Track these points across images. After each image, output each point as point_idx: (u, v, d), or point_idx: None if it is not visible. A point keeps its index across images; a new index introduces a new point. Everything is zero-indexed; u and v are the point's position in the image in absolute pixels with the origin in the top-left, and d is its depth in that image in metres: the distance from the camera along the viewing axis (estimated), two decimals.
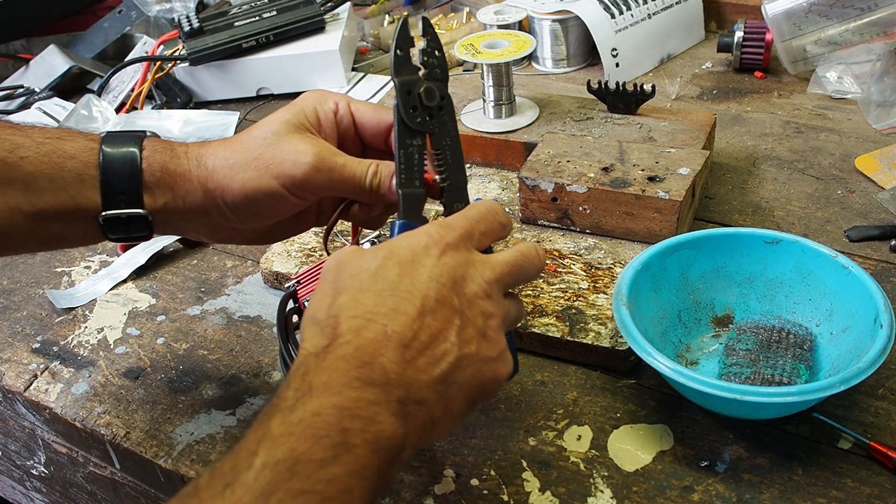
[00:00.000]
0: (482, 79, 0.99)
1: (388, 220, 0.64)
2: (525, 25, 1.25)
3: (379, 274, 0.52)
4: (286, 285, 0.79)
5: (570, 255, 0.83)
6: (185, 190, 0.63)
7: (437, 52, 0.62)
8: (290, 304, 0.71)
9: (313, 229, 0.90)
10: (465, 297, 0.53)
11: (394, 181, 0.61)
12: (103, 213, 0.62)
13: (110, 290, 0.89)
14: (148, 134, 0.65)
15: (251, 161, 0.62)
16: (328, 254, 0.71)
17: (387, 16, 1.40)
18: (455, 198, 0.62)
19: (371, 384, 0.48)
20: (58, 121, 1.15)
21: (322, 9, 1.23)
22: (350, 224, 0.70)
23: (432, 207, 0.87)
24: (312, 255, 0.86)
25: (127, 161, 0.62)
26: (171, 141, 0.65)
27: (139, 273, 0.91)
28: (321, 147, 0.62)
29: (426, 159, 0.61)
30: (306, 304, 0.73)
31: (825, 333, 0.70)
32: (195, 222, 0.65)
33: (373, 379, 0.48)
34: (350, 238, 0.71)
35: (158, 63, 1.21)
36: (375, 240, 0.75)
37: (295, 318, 0.70)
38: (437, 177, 0.62)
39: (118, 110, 1.18)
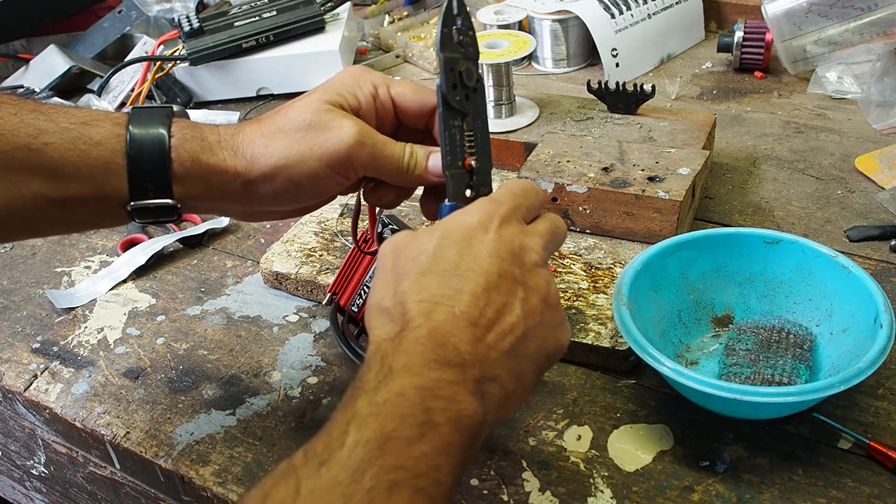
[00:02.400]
0: None
1: (438, 204, 0.63)
2: (525, 25, 1.25)
3: (438, 255, 0.53)
4: (324, 302, 0.80)
5: (570, 255, 0.83)
6: (222, 181, 0.61)
7: (470, 32, 0.62)
8: (340, 317, 0.75)
9: (313, 230, 0.90)
10: (525, 267, 0.54)
11: (429, 162, 0.62)
12: (132, 203, 0.61)
13: (110, 290, 0.89)
14: (175, 110, 0.64)
15: (293, 145, 0.61)
16: (356, 242, 0.72)
17: (387, 16, 1.40)
18: (482, 181, 0.63)
19: (448, 365, 0.49)
20: None
21: (322, 9, 1.23)
22: (358, 220, 0.71)
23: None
24: (312, 255, 0.86)
25: (155, 149, 0.60)
26: (200, 126, 0.63)
27: (139, 273, 0.91)
28: (362, 125, 0.62)
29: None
30: (353, 308, 0.74)
31: (825, 333, 0.70)
32: (228, 208, 0.65)
33: (449, 360, 0.49)
34: (367, 222, 0.72)
35: (158, 63, 1.21)
36: (389, 228, 0.74)
37: (350, 325, 0.74)
38: (471, 161, 0.62)
39: (118, 110, 1.18)
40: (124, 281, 0.90)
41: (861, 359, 0.61)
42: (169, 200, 0.61)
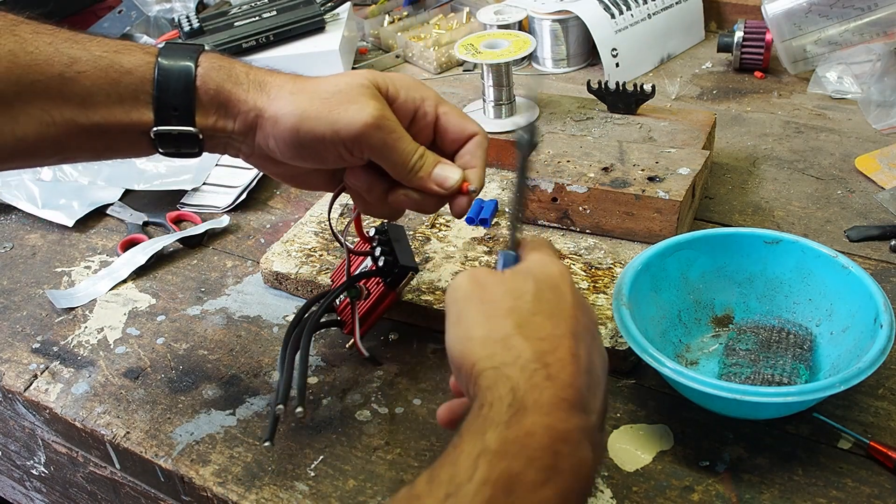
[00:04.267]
0: (482, 79, 0.99)
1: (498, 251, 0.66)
2: (525, 25, 1.25)
3: (541, 298, 0.52)
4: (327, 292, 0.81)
5: (570, 255, 0.83)
6: (238, 110, 0.63)
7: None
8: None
9: (313, 230, 0.90)
10: (590, 320, 0.54)
11: (435, 170, 0.65)
12: (155, 129, 0.62)
13: (110, 290, 0.89)
14: (207, 48, 0.65)
15: (316, 101, 0.62)
16: (333, 231, 0.72)
17: (387, 16, 1.41)
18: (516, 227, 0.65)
19: (575, 408, 0.48)
20: None
21: (322, 9, 1.23)
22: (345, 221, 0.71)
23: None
24: (312, 255, 0.86)
25: (182, 77, 0.61)
26: (231, 59, 0.65)
27: (139, 273, 0.91)
28: (386, 112, 0.63)
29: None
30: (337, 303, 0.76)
31: (825, 333, 0.70)
32: (240, 143, 0.65)
33: (574, 403, 0.48)
34: (354, 228, 0.73)
35: None
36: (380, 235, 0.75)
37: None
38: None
39: None
40: (124, 281, 0.90)
41: (861, 359, 0.61)
42: (191, 128, 0.62)
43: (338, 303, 0.76)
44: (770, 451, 0.65)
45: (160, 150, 0.63)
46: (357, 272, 0.76)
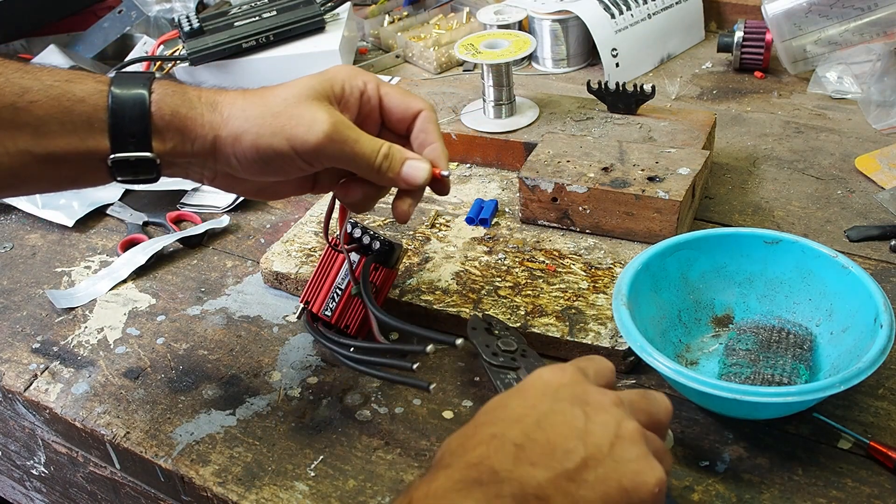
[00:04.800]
0: (482, 79, 0.99)
1: None
2: (525, 25, 1.25)
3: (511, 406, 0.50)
4: (296, 315, 0.82)
5: (570, 255, 0.83)
6: (196, 134, 0.63)
7: (505, 331, 0.73)
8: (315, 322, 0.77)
9: (313, 230, 0.90)
10: (589, 401, 0.50)
11: (403, 169, 0.65)
12: (112, 156, 0.62)
13: (110, 290, 0.89)
14: (157, 75, 0.65)
15: (268, 118, 0.62)
16: (327, 239, 0.74)
17: (387, 16, 1.40)
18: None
19: (478, 483, 0.45)
20: None
21: (322, 9, 1.23)
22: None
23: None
24: (312, 255, 0.86)
25: (137, 104, 0.61)
26: (182, 84, 0.65)
27: (139, 273, 0.91)
28: (338, 119, 0.63)
29: None
30: (327, 313, 0.75)
31: (825, 333, 0.70)
32: (200, 166, 0.65)
33: (480, 479, 0.45)
34: (338, 226, 0.73)
35: (158, 63, 1.21)
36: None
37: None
38: None
39: None
40: (124, 281, 0.90)
41: (861, 359, 0.61)
42: (148, 154, 0.62)
43: (329, 314, 0.75)
44: (770, 451, 0.65)
45: (117, 178, 0.63)
46: (351, 268, 0.75)
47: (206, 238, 0.95)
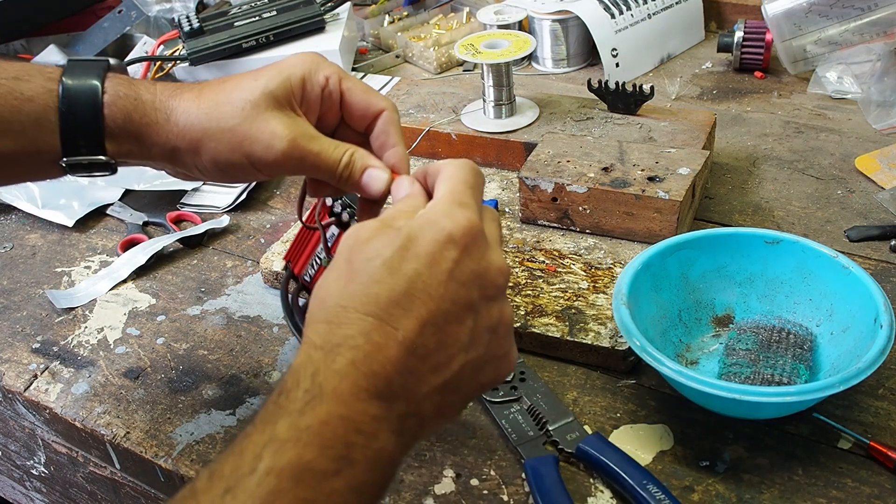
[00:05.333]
0: (482, 79, 0.99)
1: None
2: (525, 25, 1.25)
3: (395, 266, 0.48)
4: (282, 268, 0.80)
5: (570, 255, 0.83)
6: (152, 142, 0.60)
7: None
8: (294, 284, 0.74)
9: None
10: (486, 293, 0.50)
11: (363, 178, 0.61)
12: (65, 159, 0.60)
13: (110, 290, 0.89)
14: (112, 63, 0.62)
15: (225, 132, 0.59)
16: (302, 222, 0.71)
17: (387, 16, 1.40)
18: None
19: (378, 397, 0.46)
20: None
21: (322, 9, 1.23)
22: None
23: None
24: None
25: (88, 105, 0.59)
26: (136, 84, 0.61)
27: (139, 273, 0.91)
28: (297, 132, 0.59)
29: None
30: (306, 278, 0.73)
31: (825, 333, 0.70)
32: (160, 167, 0.64)
33: (379, 391, 0.46)
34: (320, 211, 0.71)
35: (158, 63, 1.21)
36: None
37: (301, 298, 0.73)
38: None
39: None
40: (124, 281, 0.90)
41: (861, 359, 0.61)
42: (101, 157, 0.60)
43: (308, 279, 0.74)
44: (770, 451, 0.65)
45: (72, 175, 0.61)
46: (325, 243, 0.74)
47: (206, 238, 0.95)
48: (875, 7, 1.07)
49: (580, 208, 0.85)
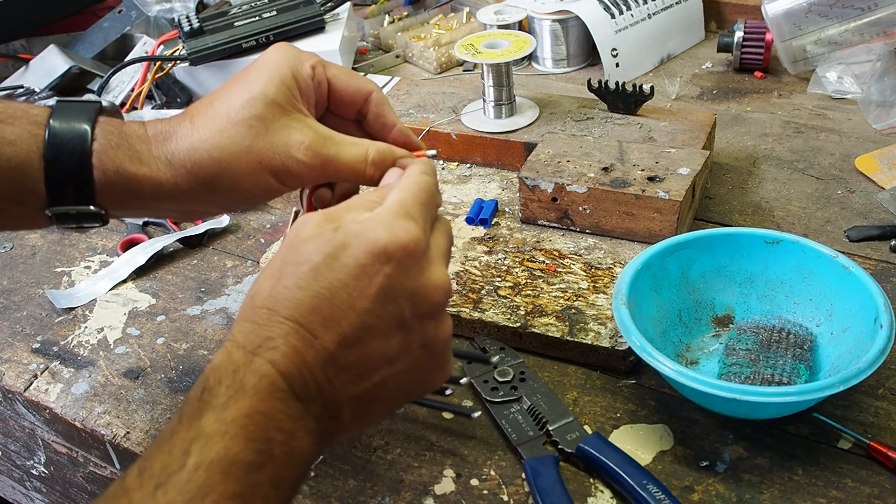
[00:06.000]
0: (482, 79, 0.99)
1: None
2: (525, 25, 1.25)
3: (323, 274, 0.48)
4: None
5: (570, 255, 0.83)
6: (153, 192, 0.57)
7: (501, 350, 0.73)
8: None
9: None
10: (419, 312, 0.50)
11: (384, 181, 0.58)
12: (51, 209, 0.56)
13: (110, 290, 0.89)
14: (104, 104, 0.58)
15: (241, 155, 0.56)
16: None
17: (387, 16, 1.41)
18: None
19: (295, 398, 0.47)
20: None
21: (322, 9, 1.23)
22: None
23: None
24: None
25: (75, 153, 0.55)
26: (127, 130, 0.57)
27: (139, 273, 0.91)
28: (312, 136, 0.57)
29: None
30: None
31: (825, 333, 0.70)
32: (158, 212, 0.61)
33: (296, 393, 0.47)
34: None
35: (158, 63, 1.21)
36: None
37: None
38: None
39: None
40: (124, 281, 0.90)
41: (861, 359, 0.61)
42: (90, 207, 0.56)
43: None
44: (770, 451, 0.65)
45: (58, 225, 0.58)
46: None
47: (206, 238, 0.95)
48: (875, 7, 1.07)
49: (580, 208, 0.85)
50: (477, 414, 0.66)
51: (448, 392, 0.65)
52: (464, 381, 0.65)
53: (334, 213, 0.51)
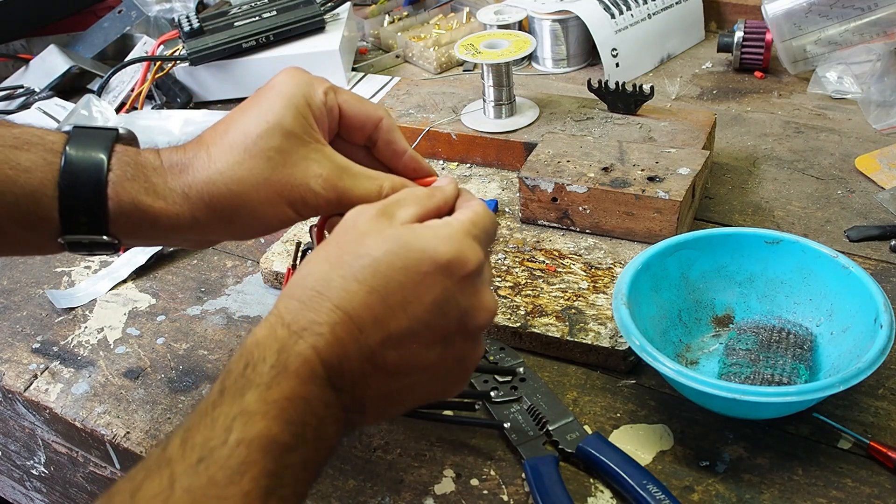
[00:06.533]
0: (482, 79, 0.99)
1: None
2: (525, 25, 1.25)
3: (383, 273, 0.48)
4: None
5: (570, 255, 0.83)
6: (168, 226, 0.56)
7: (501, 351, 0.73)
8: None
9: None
10: (465, 330, 0.51)
11: None
12: (64, 237, 0.56)
13: (110, 290, 0.89)
14: (121, 132, 0.57)
15: (260, 187, 0.55)
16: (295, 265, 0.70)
17: (387, 16, 1.41)
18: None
19: (332, 387, 0.48)
20: (58, 121, 1.15)
21: (322, 9, 1.23)
22: None
23: None
24: None
25: (90, 183, 0.54)
26: (143, 162, 0.56)
27: (139, 273, 0.91)
28: (329, 168, 0.57)
29: None
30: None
31: (825, 333, 0.70)
32: (173, 244, 0.62)
33: (332, 381, 0.48)
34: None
35: (158, 63, 1.21)
36: None
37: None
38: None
39: (118, 110, 1.18)
40: (124, 281, 0.90)
41: (861, 359, 0.61)
42: (104, 237, 0.56)
43: None
44: (770, 451, 0.65)
45: (70, 252, 0.58)
46: None
47: None
48: (875, 7, 1.07)
49: (580, 208, 0.85)
50: (507, 425, 0.66)
51: (477, 407, 0.66)
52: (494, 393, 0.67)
53: (387, 208, 0.52)
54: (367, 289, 0.48)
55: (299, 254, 0.72)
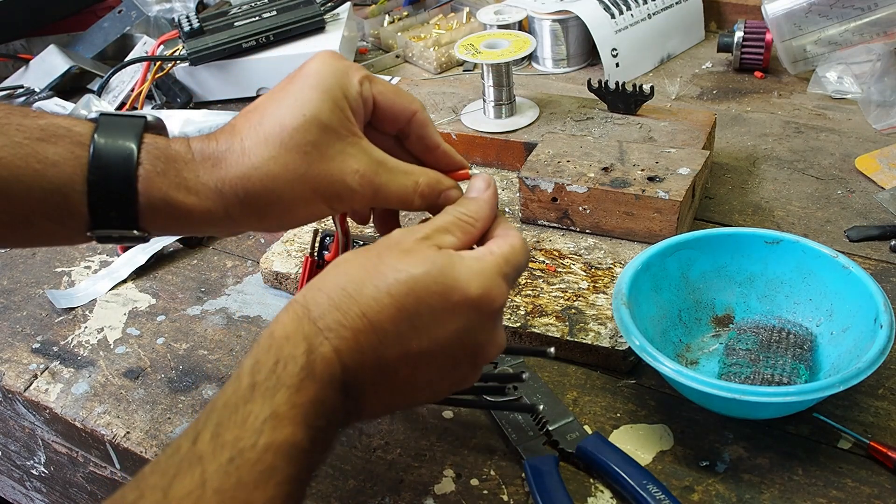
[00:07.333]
0: (482, 79, 0.99)
1: None
2: (525, 25, 1.25)
3: (414, 290, 0.49)
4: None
5: (570, 255, 0.83)
6: (201, 220, 0.55)
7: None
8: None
9: (312, 230, 0.89)
10: (474, 361, 0.53)
11: (442, 198, 0.59)
12: (94, 231, 0.54)
13: (110, 290, 0.89)
14: (149, 119, 0.56)
15: (296, 183, 0.54)
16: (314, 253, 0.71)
17: (387, 16, 1.41)
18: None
19: (343, 392, 0.49)
20: None
21: (322, 9, 1.23)
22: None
23: None
24: None
25: (120, 176, 0.53)
26: (174, 154, 0.54)
27: (139, 273, 0.91)
28: (366, 164, 0.55)
29: None
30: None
31: (825, 333, 0.70)
32: (203, 234, 0.63)
33: (346, 388, 0.49)
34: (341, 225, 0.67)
35: (158, 63, 1.21)
36: None
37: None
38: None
39: (118, 110, 1.18)
40: (124, 281, 0.90)
41: (861, 359, 0.61)
42: (134, 231, 0.54)
43: None
44: (770, 451, 0.65)
45: (99, 243, 0.57)
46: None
47: (206, 238, 0.95)
48: (875, 7, 1.07)
49: (580, 208, 0.85)
50: (542, 407, 0.66)
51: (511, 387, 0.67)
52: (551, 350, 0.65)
53: (434, 234, 0.53)
54: (397, 304, 0.49)
55: (317, 242, 0.72)
